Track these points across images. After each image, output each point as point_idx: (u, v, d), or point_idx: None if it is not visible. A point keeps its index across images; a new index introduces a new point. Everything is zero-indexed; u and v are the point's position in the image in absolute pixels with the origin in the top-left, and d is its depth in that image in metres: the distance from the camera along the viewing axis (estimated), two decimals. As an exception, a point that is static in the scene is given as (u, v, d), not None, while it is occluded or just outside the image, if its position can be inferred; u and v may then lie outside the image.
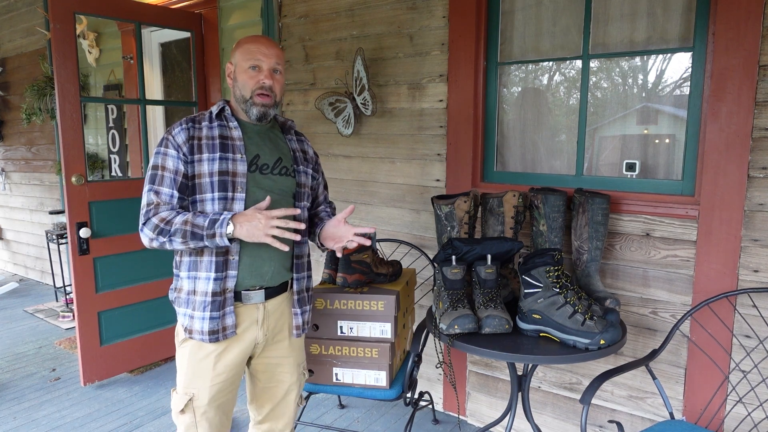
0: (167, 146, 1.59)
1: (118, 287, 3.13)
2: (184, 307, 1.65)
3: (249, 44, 1.65)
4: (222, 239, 1.51)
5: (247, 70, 1.63)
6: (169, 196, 1.57)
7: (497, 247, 1.97)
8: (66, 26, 2.79)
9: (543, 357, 1.71)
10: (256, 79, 1.62)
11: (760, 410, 1.97)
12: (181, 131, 1.60)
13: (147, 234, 1.56)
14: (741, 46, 1.88)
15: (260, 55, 1.63)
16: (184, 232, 1.52)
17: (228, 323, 1.63)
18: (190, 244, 1.53)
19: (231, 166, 1.59)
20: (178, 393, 1.68)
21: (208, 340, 1.61)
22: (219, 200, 1.58)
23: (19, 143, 5.18)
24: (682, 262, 2.08)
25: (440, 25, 2.55)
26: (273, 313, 1.72)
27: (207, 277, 1.60)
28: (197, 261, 1.62)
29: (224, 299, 1.62)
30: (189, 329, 1.64)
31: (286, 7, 3.08)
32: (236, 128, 1.64)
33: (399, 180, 2.79)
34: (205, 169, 1.58)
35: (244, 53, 1.64)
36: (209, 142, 1.60)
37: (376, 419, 2.75)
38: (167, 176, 1.58)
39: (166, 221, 1.54)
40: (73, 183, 2.88)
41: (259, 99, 1.63)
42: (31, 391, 3.07)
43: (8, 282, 5.17)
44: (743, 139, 1.90)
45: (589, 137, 2.35)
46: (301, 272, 1.78)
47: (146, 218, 1.57)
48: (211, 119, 1.65)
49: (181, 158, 1.58)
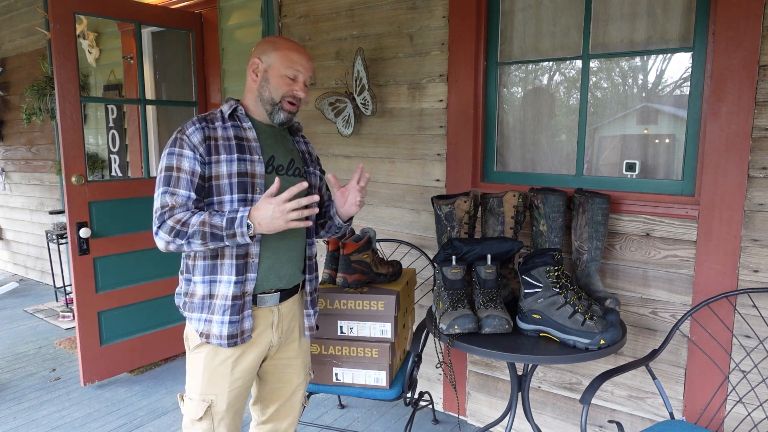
0: (182, 146, 1.54)
1: (118, 287, 3.13)
2: (199, 312, 1.61)
3: (292, 52, 1.63)
4: (244, 238, 1.47)
5: (284, 77, 1.62)
6: (186, 198, 1.52)
7: (497, 247, 1.97)
8: (66, 26, 2.79)
9: (543, 357, 1.71)
10: (291, 88, 1.62)
11: (760, 410, 1.97)
12: (196, 131, 1.55)
13: (163, 237, 1.51)
14: (741, 46, 1.88)
15: (301, 66, 1.64)
16: (203, 233, 1.48)
17: (246, 327, 1.60)
18: (210, 245, 1.50)
19: (250, 168, 1.57)
20: (194, 400, 1.63)
21: (227, 345, 1.58)
22: (239, 202, 1.56)
23: (19, 143, 5.18)
24: (682, 262, 2.08)
25: (440, 25, 2.55)
26: (286, 315, 1.72)
27: (228, 280, 1.56)
28: (216, 264, 1.58)
29: (243, 303, 1.59)
30: (206, 334, 1.60)
31: (286, 7, 3.08)
32: (251, 129, 1.63)
33: (399, 180, 2.79)
34: (223, 170, 1.55)
35: (285, 60, 1.62)
36: (226, 143, 1.57)
37: (376, 419, 2.75)
38: (183, 177, 1.53)
39: (183, 222, 1.49)
40: (73, 183, 2.88)
41: (288, 106, 1.64)
42: (31, 391, 3.07)
43: (8, 282, 5.17)
44: (743, 139, 1.90)
45: (589, 137, 2.35)
46: (312, 273, 1.79)
47: (161, 221, 1.51)
48: (224, 119, 1.61)
49: (198, 159, 1.54)
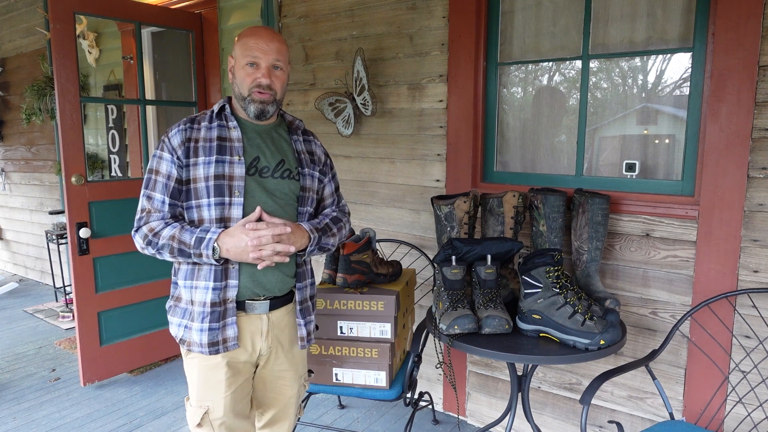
0: (163, 149, 1.53)
1: (118, 287, 3.13)
2: (179, 317, 1.58)
3: (248, 38, 1.54)
4: (209, 260, 1.46)
5: (245, 67, 1.54)
6: (161, 203, 1.51)
7: (497, 247, 1.97)
8: (66, 26, 2.79)
9: (543, 357, 1.71)
10: (253, 77, 1.53)
11: (760, 410, 1.97)
12: (177, 133, 1.53)
13: (138, 242, 1.53)
14: (741, 46, 1.88)
15: (258, 51, 1.52)
16: (171, 248, 1.47)
17: (229, 335, 1.55)
18: (179, 259, 1.49)
19: (227, 170, 1.51)
20: (193, 406, 1.61)
21: (208, 353, 1.54)
22: (215, 206, 1.51)
23: (19, 143, 5.18)
24: (682, 263, 2.08)
25: (440, 25, 2.55)
26: (278, 324, 1.65)
27: (206, 286, 1.52)
28: (195, 269, 1.55)
29: (224, 309, 1.54)
30: (186, 341, 1.57)
31: (286, 7, 3.09)
32: (236, 128, 1.56)
33: (399, 180, 2.79)
34: (200, 173, 1.51)
35: (243, 49, 1.54)
36: (206, 144, 1.52)
37: (376, 419, 2.75)
38: (160, 181, 1.51)
39: (155, 233, 1.49)
40: (73, 183, 2.88)
41: (258, 96, 1.53)
42: (31, 391, 3.07)
43: (8, 282, 5.17)
44: (743, 139, 1.90)
45: (588, 137, 2.36)
46: (303, 281, 1.68)
47: (137, 225, 1.53)
48: (212, 119, 1.57)
49: (175, 162, 1.51)
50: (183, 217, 1.55)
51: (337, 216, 1.75)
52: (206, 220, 1.52)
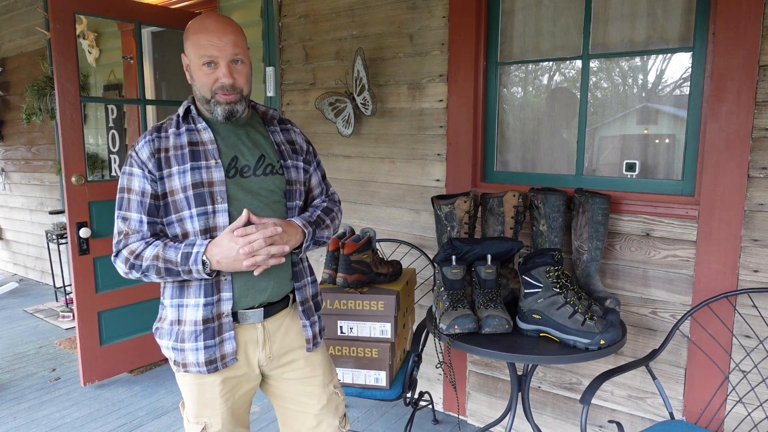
0: (132, 165, 1.40)
1: (118, 287, 3.13)
2: (167, 339, 1.46)
3: (198, 34, 1.38)
4: (200, 275, 1.36)
5: (202, 68, 1.38)
6: (138, 222, 1.39)
7: (497, 247, 1.97)
8: (66, 26, 2.79)
9: (543, 357, 1.71)
10: (213, 78, 1.38)
11: (760, 410, 1.97)
12: (144, 145, 1.40)
13: (120, 267, 1.40)
14: (741, 46, 1.88)
15: (213, 49, 1.36)
16: (156, 268, 1.36)
17: (227, 350, 1.45)
18: (168, 279, 1.39)
19: (206, 176, 1.39)
20: (190, 422, 1.52)
21: (206, 371, 1.43)
22: (199, 216, 1.39)
23: (19, 143, 5.18)
24: (682, 262, 2.08)
25: (440, 25, 2.55)
26: (276, 332, 1.53)
27: (196, 303, 1.41)
28: (183, 286, 1.43)
29: (219, 325, 1.43)
30: (182, 363, 1.45)
31: (286, 7, 3.08)
32: (206, 130, 1.43)
33: (399, 180, 2.79)
34: (176, 184, 1.39)
35: (195, 47, 1.38)
36: (177, 153, 1.40)
37: (376, 419, 2.75)
38: (134, 199, 1.39)
39: (136, 255, 1.37)
40: (73, 183, 2.88)
41: (223, 97, 1.39)
42: (31, 391, 3.07)
43: (8, 282, 5.16)
44: (743, 139, 1.90)
45: (589, 137, 2.36)
46: (302, 280, 1.57)
47: (117, 250, 1.40)
48: (178, 124, 1.44)
49: (148, 177, 1.39)
50: (165, 234, 1.44)
51: (328, 206, 1.63)
52: (191, 233, 1.41)
